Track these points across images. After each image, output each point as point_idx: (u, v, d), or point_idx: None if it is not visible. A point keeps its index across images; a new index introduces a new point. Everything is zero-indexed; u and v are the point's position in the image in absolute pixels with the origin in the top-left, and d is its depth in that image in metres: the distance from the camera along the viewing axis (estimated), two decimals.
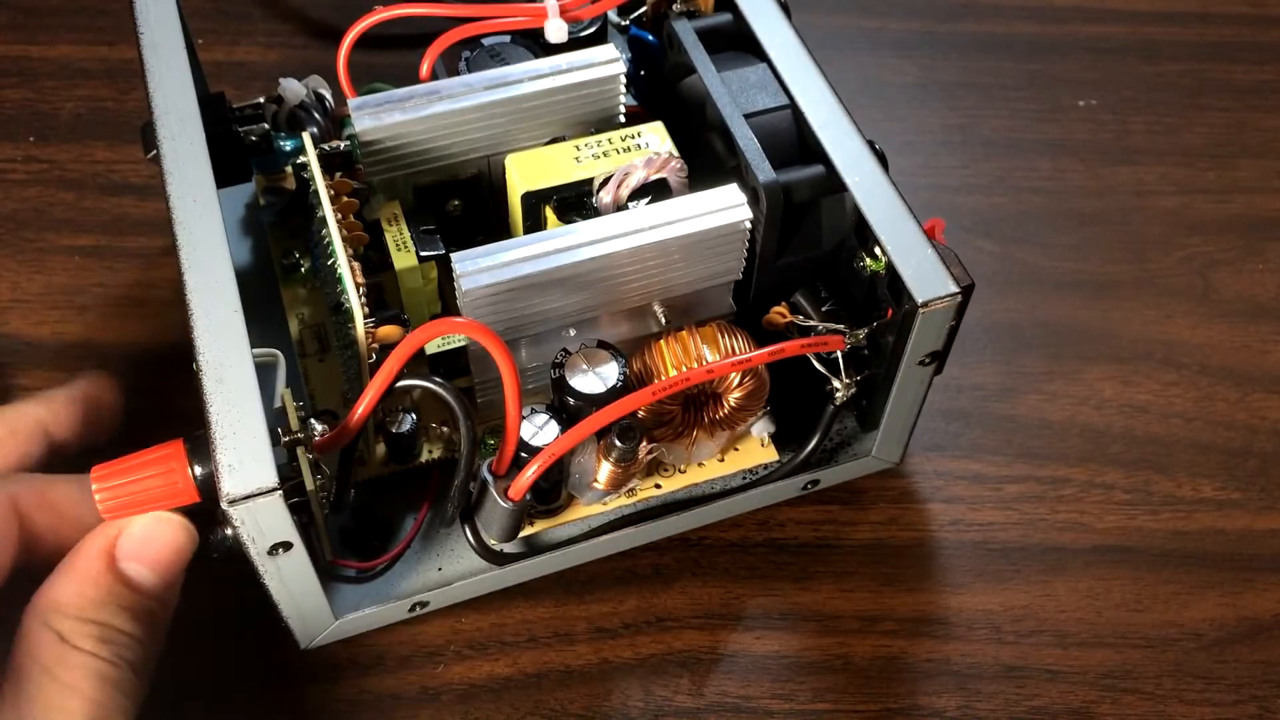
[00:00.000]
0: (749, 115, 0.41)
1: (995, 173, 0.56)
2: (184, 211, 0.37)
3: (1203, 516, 0.46)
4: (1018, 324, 0.51)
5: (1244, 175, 0.57)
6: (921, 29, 0.62)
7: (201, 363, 0.33)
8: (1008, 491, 0.46)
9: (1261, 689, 0.42)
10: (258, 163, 0.47)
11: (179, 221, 0.36)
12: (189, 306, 0.35)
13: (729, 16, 0.44)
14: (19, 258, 0.51)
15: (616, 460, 0.38)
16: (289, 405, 0.35)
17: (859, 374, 0.40)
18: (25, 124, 0.55)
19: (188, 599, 0.41)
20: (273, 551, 0.34)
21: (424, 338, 0.35)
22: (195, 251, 0.36)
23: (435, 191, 0.43)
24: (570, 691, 0.41)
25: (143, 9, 0.42)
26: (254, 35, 0.59)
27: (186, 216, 0.37)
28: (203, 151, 0.38)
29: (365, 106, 0.40)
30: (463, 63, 0.44)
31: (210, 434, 0.32)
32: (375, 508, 0.41)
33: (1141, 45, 0.62)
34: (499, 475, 0.37)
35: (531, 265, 0.37)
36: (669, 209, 0.39)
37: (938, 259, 0.37)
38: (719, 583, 0.43)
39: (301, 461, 0.34)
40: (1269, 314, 0.52)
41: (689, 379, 0.37)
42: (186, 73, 0.40)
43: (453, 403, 0.36)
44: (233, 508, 0.32)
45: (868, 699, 0.41)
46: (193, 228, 0.36)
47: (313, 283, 0.46)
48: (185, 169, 0.37)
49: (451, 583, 0.40)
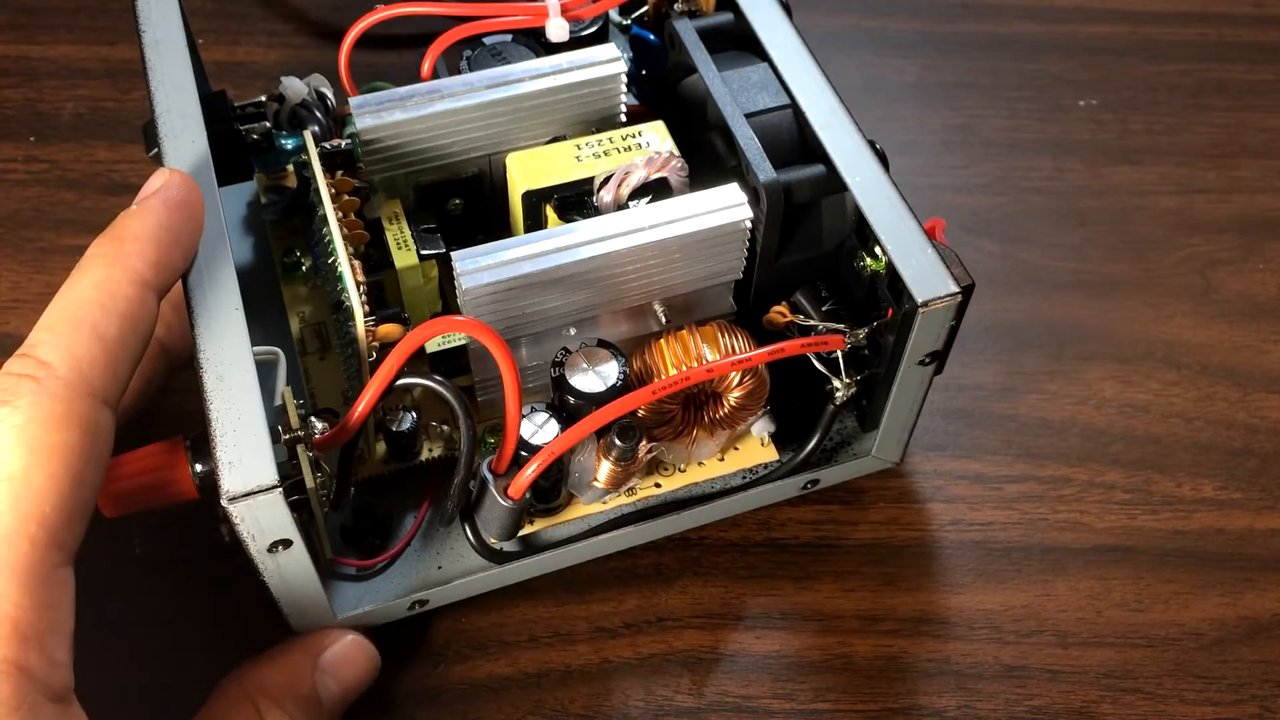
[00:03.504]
0: (750, 115, 0.41)
1: (995, 172, 0.56)
2: None
3: (1203, 516, 0.46)
4: (1018, 324, 0.51)
5: (1244, 175, 0.57)
6: (922, 29, 0.62)
7: (202, 360, 0.33)
8: (1008, 491, 0.46)
9: (1262, 689, 0.42)
10: (259, 161, 0.47)
11: None
12: (190, 304, 0.34)
13: (730, 16, 0.44)
14: (19, 258, 0.51)
15: (616, 459, 0.38)
16: (289, 403, 0.35)
17: (859, 374, 0.40)
18: (25, 124, 0.55)
19: (185, 595, 0.41)
20: (272, 549, 0.34)
21: (424, 336, 0.35)
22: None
23: (436, 190, 0.43)
24: (570, 691, 0.41)
25: (145, 7, 0.42)
26: (255, 35, 0.59)
27: None
28: (204, 150, 0.38)
29: (366, 105, 0.40)
30: (464, 61, 0.45)
31: (210, 431, 0.32)
32: (375, 506, 0.41)
33: (1142, 45, 0.62)
34: (499, 474, 0.37)
35: (532, 264, 0.37)
36: (670, 208, 0.39)
37: (938, 259, 0.37)
38: (719, 582, 0.43)
39: (301, 459, 0.35)
40: (1269, 314, 0.52)
41: (689, 378, 0.37)
42: (188, 70, 0.40)
43: (453, 401, 0.36)
44: (232, 505, 0.31)
45: (868, 699, 0.41)
46: None
47: (314, 281, 0.46)
48: (187, 167, 0.37)
49: (451, 581, 0.40)
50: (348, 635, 0.38)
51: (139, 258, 0.32)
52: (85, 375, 0.30)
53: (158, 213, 0.34)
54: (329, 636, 0.38)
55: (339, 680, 0.38)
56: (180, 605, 0.41)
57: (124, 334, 0.31)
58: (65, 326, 0.31)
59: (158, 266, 0.33)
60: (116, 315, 0.31)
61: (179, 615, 0.41)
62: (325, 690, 0.37)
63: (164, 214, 0.34)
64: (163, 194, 0.34)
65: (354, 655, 0.38)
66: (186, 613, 0.41)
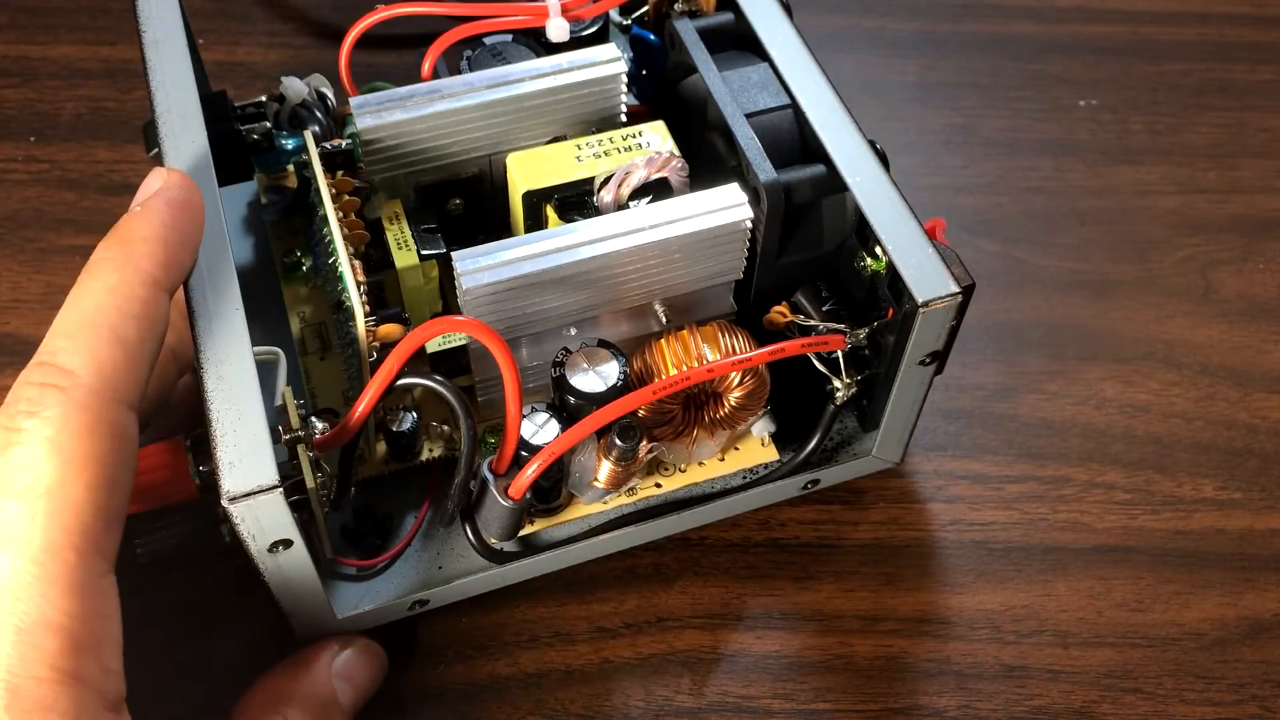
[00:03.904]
0: (750, 115, 0.41)
1: (996, 172, 0.56)
2: None
3: (1203, 516, 0.46)
4: (1018, 324, 0.51)
5: (1245, 175, 0.57)
6: (922, 29, 0.62)
7: (202, 360, 0.33)
8: (1008, 491, 0.46)
9: (1262, 689, 0.42)
10: (259, 161, 0.47)
11: None
12: (190, 304, 0.34)
13: (730, 16, 0.44)
14: (19, 258, 0.51)
15: (617, 459, 0.38)
16: (290, 403, 0.35)
17: (859, 373, 0.40)
18: (26, 124, 0.55)
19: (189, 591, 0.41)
20: (273, 549, 0.34)
21: (425, 336, 0.35)
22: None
23: (436, 190, 0.43)
24: (571, 691, 0.41)
25: (145, 6, 0.42)
26: (255, 35, 0.59)
27: None
28: (205, 150, 0.38)
29: (367, 105, 0.40)
30: (464, 62, 0.44)
31: (211, 431, 0.32)
32: (375, 506, 0.41)
33: (1142, 45, 0.62)
34: (499, 474, 0.37)
35: (532, 264, 0.37)
36: (670, 208, 0.38)
37: (938, 259, 0.37)
38: (720, 582, 0.43)
39: (302, 459, 0.35)
40: (1269, 314, 0.52)
41: (690, 378, 0.37)
42: (189, 70, 0.40)
43: (453, 401, 0.36)
44: (233, 505, 0.31)
45: (868, 699, 0.41)
46: None
47: (314, 281, 0.46)
48: (187, 167, 0.37)
49: (451, 581, 0.40)
50: (358, 640, 0.39)
51: (149, 259, 0.32)
52: (110, 381, 0.30)
53: (162, 213, 0.33)
54: (341, 642, 0.39)
55: (353, 684, 0.38)
56: (182, 604, 0.41)
57: (142, 336, 0.31)
58: (84, 332, 0.31)
59: (168, 266, 0.33)
60: (134, 318, 0.31)
61: (184, 610, 0.41)
62: (342, 694, 0.38)
63: (168, 214, 0.34)
64: (165, 194, 0.34)
65: (366, 660, 0.39)
66: (190, 612, 0.41)
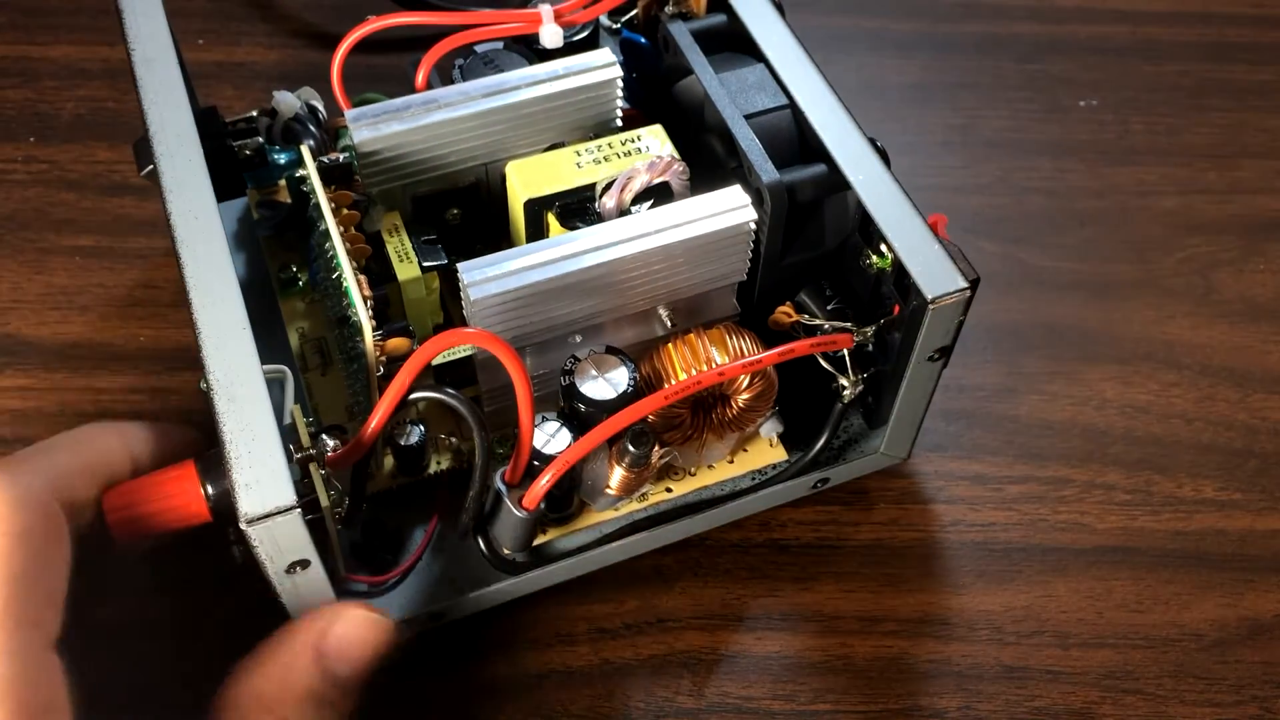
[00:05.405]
0: (749, 116, 0.41)
1: (996, 173, 0.56)
2: (186, 230, 0.36)
3: (1204, 517, 0.46)
4: (1019, 324, 0.51)
5: (1244, 175, 0.57)
6: (922, 29, 0.62)
7: (212, 381, 0.33)
8: (1009, 492, 0.46)
9: (1263, 689, 0.42)
10: (251, 176, 0.46)
11: (182, 240, 0.36)
12: (196, 325, 0.34)
13: (723, 18, 0.44)
14: (19, 258, 0.51)
15: (630, 465, 0.38)
16: (299, 421, 0.35)
17: (865, 371, 0.40)
18: (26, 124, 0.55)
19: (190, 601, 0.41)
20: (290, 570, 0.33)
21: (436, 349, 0.34)
22: (200, 269, 0.35)
23: (433, 201, 0.42)
24: (571, 692, 0.41)
25: (132, 23, 0.41)
26: (254, 36, 0.59)
27: (189, 235, 0.36)
28: (202, 168, 0.37)
29: (363, 117, 0.40)
30: (456, 70, 0.44)
31: (225, 453, 0.32)
32: (385, 521, 0.41)
33: (1142, 45, 0.62)
34: (513, 485, 0.37)
35: (538, 273, 0.37)
36: (673, 212, 0.38)
37: (945, 255, 0.37)
38: (720, 583, 0.43)
39: (315, 478, 0.34)
40: (1269, 314, 0.52)
41: (701, 381, 0.37)
42: (181, 88, 0.39)
43: (467, 415, 0.35)
44: (251, 527, 0.31)
45: (869, 699, 0.41)
46: (196, 246, 0.36)
47: (311, 296, 0.45)
48: (185, 187, 0.37)
49: (465, 595, 0.40)
50: (347, 612, 0.35)
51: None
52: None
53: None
54: (325, 619, 0.34)
55: (348, 661, 0.34)
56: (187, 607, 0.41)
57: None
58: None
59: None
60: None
61: (187, 615, 0.41)
62: (335, 676, 0.34)
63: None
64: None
65: (358, 632, 0.35)
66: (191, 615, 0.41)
